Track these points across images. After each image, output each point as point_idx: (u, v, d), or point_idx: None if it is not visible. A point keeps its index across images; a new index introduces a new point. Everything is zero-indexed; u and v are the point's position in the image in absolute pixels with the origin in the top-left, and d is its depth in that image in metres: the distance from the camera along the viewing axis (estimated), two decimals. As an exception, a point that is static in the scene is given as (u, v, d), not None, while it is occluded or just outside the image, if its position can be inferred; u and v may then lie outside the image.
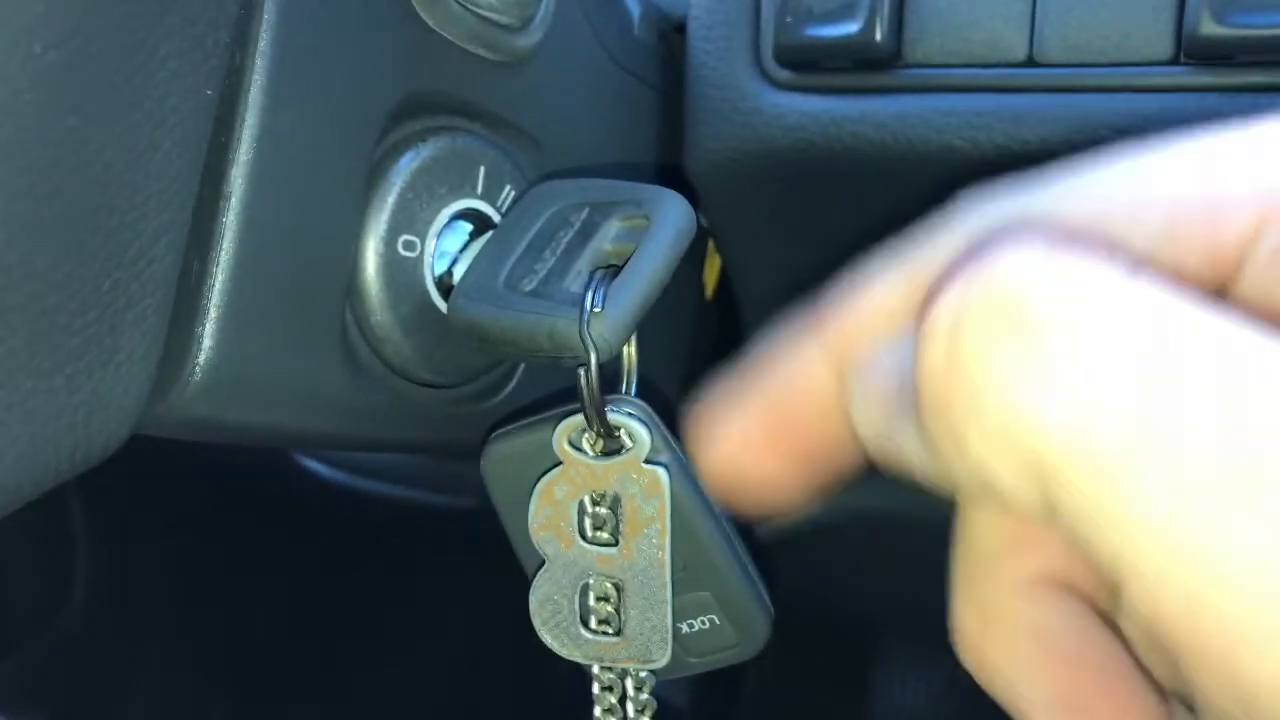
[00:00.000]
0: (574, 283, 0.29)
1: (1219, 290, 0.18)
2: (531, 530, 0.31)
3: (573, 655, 0.32)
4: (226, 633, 0.72)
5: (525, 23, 0.33)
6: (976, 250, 0.17)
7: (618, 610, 0.32)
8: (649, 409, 0.31)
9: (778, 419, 0.21)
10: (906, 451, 0.19)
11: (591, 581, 0.31)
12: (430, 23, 0.30)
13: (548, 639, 0.32)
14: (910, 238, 0.20)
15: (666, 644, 0.32)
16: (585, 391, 0.29)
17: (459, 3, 0.30)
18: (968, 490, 0.18)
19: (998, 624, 0.21)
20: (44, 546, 0.69)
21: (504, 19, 0.32)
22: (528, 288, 0.30)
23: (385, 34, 0.29)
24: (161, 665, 0.71)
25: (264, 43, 0.26)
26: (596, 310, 0.28)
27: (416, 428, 0.33)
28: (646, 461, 0.30)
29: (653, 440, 0.30)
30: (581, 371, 0.29)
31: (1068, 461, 0.15)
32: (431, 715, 0.74)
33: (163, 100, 0.24)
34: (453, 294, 0.30)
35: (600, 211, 0.31)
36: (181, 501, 0.69)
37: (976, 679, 0.21)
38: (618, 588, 0.31)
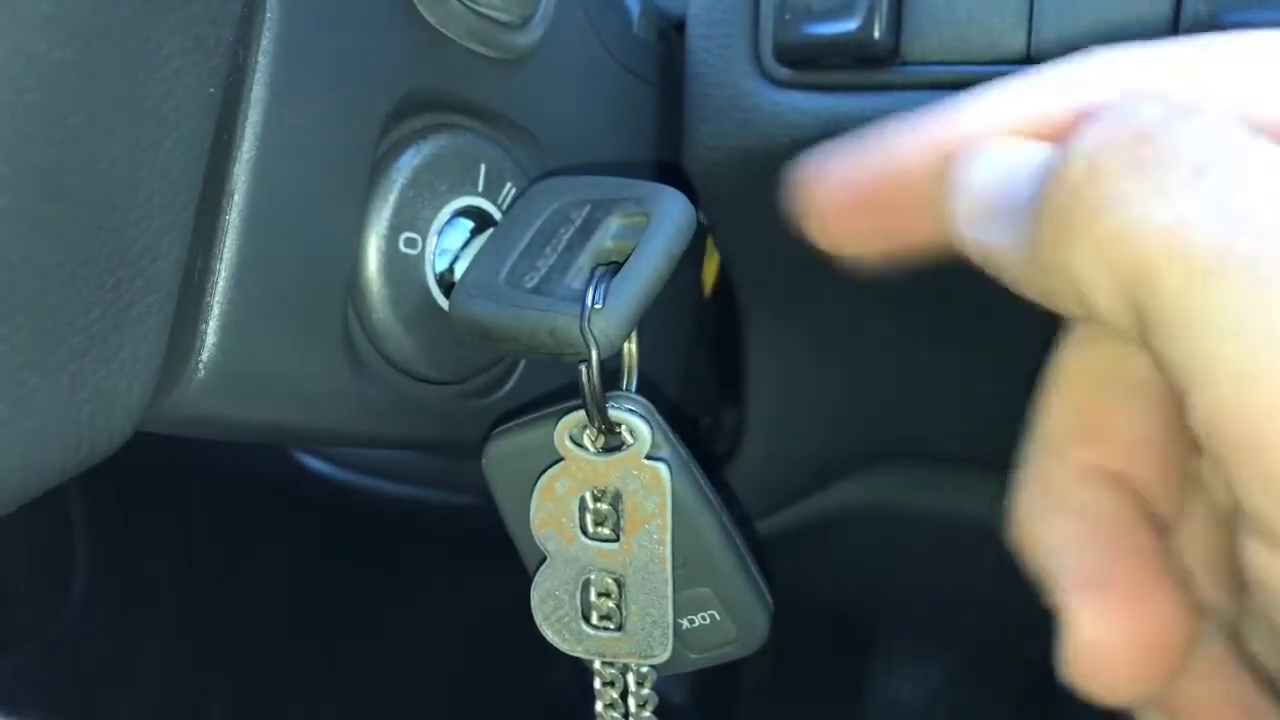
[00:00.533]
0: (575, 279, 0.30)
1: None
2: (533, 526, 0.31)
3: (574, 651, 0.33)
4: (227, 629, 0.72)
5: (525, 20, 0.33)
6: (1126, 97, 0.19)
7: (619, 606, 0.32)
8: (649, 405, 0.31)
9: (873, 191, 0.23)
10: (999, 250, 0.21)
11: (593, 577, 0.32)
12: (431, 20, 0.30)
13: (549, 634, 0.32)
14: (1035, 74, 0.22)
15: (667, 639, 0.32)
16: (586, 388, 0.29)
17: (460, 1, 0.30)
18: (1060, 297, 0.19)
19: (1053, 500, 0.22)
20: (43, 545, 0.69)
21: (504, 16, 0.32)
22: (529, 284, 0.30)
23: (386, 32, 0.29)
24: (162, 663, 0.71)
25: (266, 41, 0.26)
26: (598, 307, 0.28)
27: (418, 424, 0.33)
28: (647, 457, 0.30)
29: (653, 436, 0.30)
30: (583, 368, 0.29)
31: (1165, 269, 0.17)
32: (432, 711, 0.74)
33: (166, 98, 0.24)
34: (454, 291, 0.30)
35: (601, 209, 0.31)
36: (181, 498, 0.69)
37: (1018, 550, 0.23)
38: (619, 583, 0.31)
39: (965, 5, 0.36)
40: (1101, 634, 0.20)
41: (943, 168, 0.22)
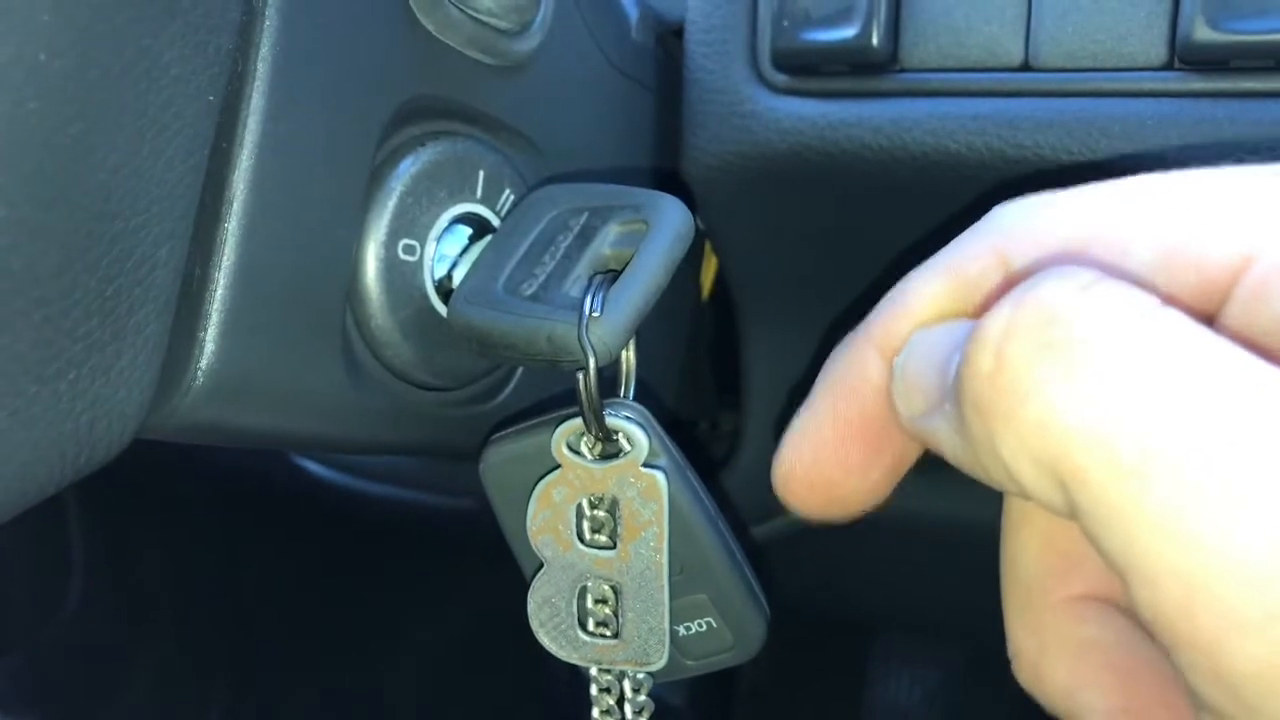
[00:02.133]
0: (573, 287, 0.30)
1: (1209, 316, 0.20)
2: (530, 533, 0.31)
3: (570, 657, 0.33)
4: (225, 632, 0.72)
5: (524, 28, 0.33)
6: (1029, 275, 0.19)
7: (615, 613, 0.32)
8: (647, 412, 0.31)
9: (843, 413, 0.24)
10: (939, 434, 0.20)
11: (589, 584, 0.32)
12: (430, 28, 0.30)
13: (546, 641, 0.32)
14: (946, 248, 0.22)
15: (664, 646, 0.32)
16: (584, 395, 0.29)
17: (458, 8, 0.30)
18: (995, 479, 0.19)
19: (1053, 643, 0.22)
20: (40, 548, 0.69)
21: (503, 24, 0.32)
22: (527, 292, 0.30)
23: (386, 40, 0.29)
24: (158, 665, 0.71)
25: (265, 49, 0.26)
26: (595, 315, 0.28)
27: (415, 430, 0.33)
28: (644, 465, 0.30)
29: (650, 444, 0.30)
30: (580, 375, 0.29)
31: (1088, 465, 0.17)
32: (429, 715, 0.74)
33: (166, 107, 0.24)
34: (453, 298, 0.30)
35: (599, 216, 0.31)
36: (178, 501, 0.69)
37: (1035, 696, 0.23)
38: (615, 590, 0.32)
39: (963, 13, 0.36)
40: None
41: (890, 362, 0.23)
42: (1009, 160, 0.36)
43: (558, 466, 0.31)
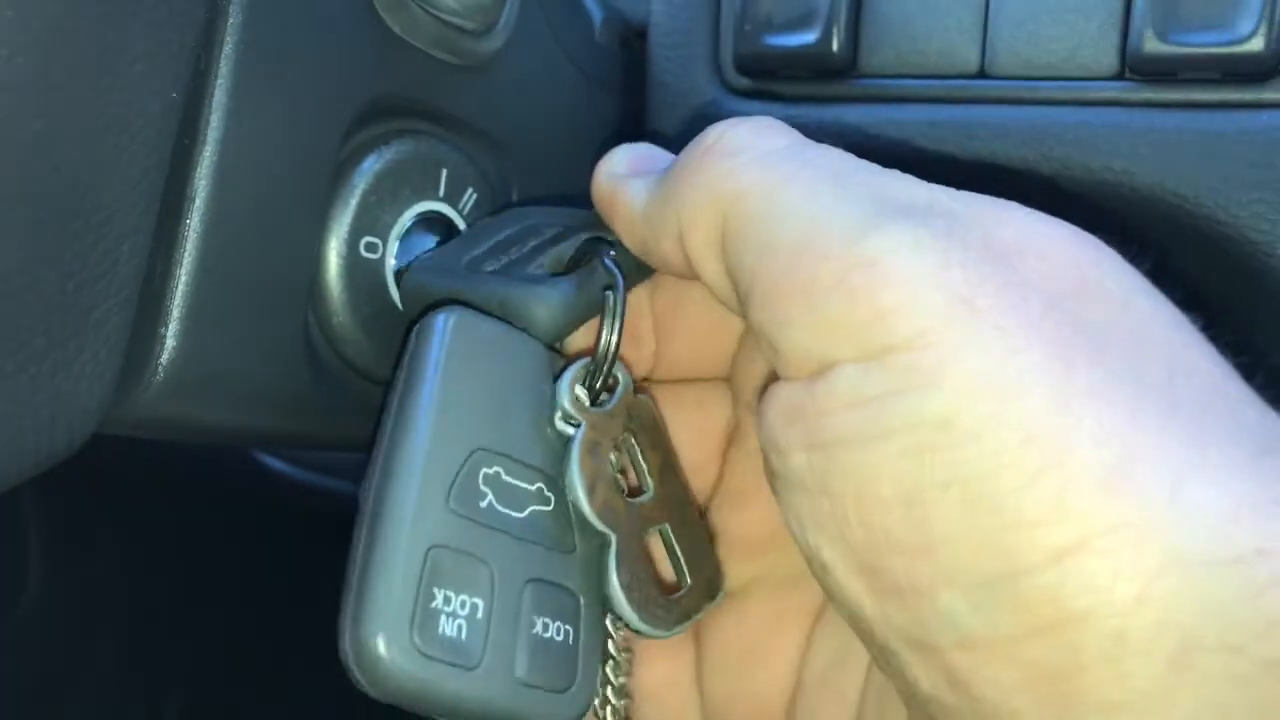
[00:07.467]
0: (535, 271, 0.30)
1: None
2: (590, 513, 0.28)
3: (670, 631, 0.29)
4: (184, 630, 0.72)
5: (488, 28, 0.33)
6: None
7: (677, 555, 0.30)
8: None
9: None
10: (624, 194, 0.29)
11: (650, 540, 0.29)
12: (394, 28, 0.31)
13: (644, 627, 0.29)
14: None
15: (720, 571, 0.30)
16: (606, 336, 0.29)
17: (422, 8, 0.31)
18: (660, 239, 0.28)
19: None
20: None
21: (467, 24, 0.32)
22: (488, 270, 0.30)
23: (349, 38, 0.29)
24: (115, 662, 0.71)
25: (229, 47, 0.26)
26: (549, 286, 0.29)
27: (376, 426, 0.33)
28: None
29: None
30: (610, 301, 0.29)
31: (733, 197, 0.26)
32: (393, 712, 0.74)
33: (129, 104, 0.24)
34: (409, 268, 0.31)
35: (572, 230, 0.31)
36: (137, 496, 0.68)
37: None
38: (664, 535, 0.30)
39: (922, 20, 0.37)
40: None
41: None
42: (964, 165, 0.36)
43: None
